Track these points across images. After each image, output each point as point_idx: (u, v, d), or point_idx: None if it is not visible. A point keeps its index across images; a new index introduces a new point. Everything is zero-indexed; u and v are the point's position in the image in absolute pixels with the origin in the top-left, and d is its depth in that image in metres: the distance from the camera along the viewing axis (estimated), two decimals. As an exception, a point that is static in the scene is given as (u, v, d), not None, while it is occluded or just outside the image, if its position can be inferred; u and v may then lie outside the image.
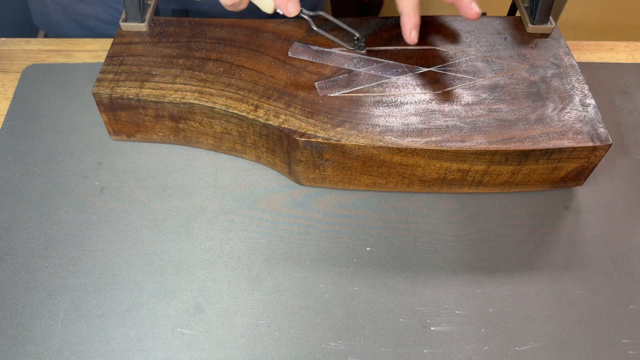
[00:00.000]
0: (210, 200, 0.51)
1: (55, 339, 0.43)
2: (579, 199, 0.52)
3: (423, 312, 0.45)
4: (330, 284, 0.47)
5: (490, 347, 0.44)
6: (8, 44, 0.63)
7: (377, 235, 0.49)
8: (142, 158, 0.54)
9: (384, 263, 0.48)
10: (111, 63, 0.52)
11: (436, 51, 0.54)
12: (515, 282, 0.47)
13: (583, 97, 0.51)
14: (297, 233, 0.49)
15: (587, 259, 0.49)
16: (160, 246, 0.48)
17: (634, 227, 0.51)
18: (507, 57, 0.54)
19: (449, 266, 0.48)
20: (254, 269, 0.47)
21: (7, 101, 0.58)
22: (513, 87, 0.51)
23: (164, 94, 0.50)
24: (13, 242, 0.48)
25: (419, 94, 0.50)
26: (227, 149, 0.54)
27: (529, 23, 0.56)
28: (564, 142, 0.47)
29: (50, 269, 0.47)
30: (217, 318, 0.45)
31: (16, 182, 0.52)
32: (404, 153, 0.47)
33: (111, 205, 0.51)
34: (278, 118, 0.48)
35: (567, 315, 0.45)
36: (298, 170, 0.50)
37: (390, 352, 0.43)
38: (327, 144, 0.47)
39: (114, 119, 0.53)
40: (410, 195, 0.52)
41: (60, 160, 0.53)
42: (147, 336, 0.43)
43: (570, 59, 0.54)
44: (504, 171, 0.49)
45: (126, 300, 0.45)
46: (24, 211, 0.50)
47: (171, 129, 0.53)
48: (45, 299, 0.45)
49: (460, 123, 0.48)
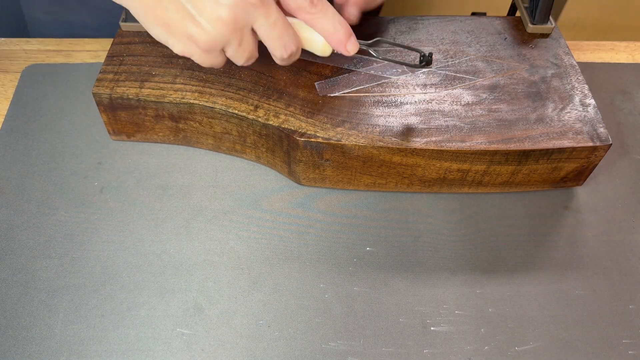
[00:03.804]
0: (210, 200, 0.51)
1: (55, 339, 0.43)
2: (579, 199, 0.52)
3: (423, 312, 0.45)
4: (330, 284, 0.46)
5: (490, 347, 0.44)
6: (8, 44, 0.63)
7: (377, 235, 0.49)
8: (142, 158, 0.54)
9: (384, 263, 0.48)
10: (111, 63, 0.52)
11: (436, 51, 0.54)
12: (515, 282, 0.47)
13: (583, 97, 0.51)
14: (297, 233, 0.49)
15: (587, 259, 0.49)
16: (160, 246, 0.48)
17: (634, 227, 0.51)
18: (507, 57, 0.54)
19: (449, 266, 0.48)
20: (254, 269, 0.47)
21: (7, 101, 0.58)
22: (513, 87, 0.51)
23: (164, 94, 0.50)
24: (13, 242, 0.48)
25: (419, 94, 0.50)
26: (227, 149, 0.54)
27: (529, 23, 0.56)
28: (564, 142, 0.47)
29: (50, 269, 0.47)
30: (217, 318, 0.45)
31: (16, 182, 0.52)
32: (404, 153, 0.47)
33: (111, 205, 0.51)
34: (278, 118, 0.48)
35: (567, 315, 0.45)
36: (298, 170, 0.50)
37: (390, 352, 0.43)
38: (327, 144, 0.47)
39: (114, 119, 0.53)
40: (410, 195, 0.52)
41: (60, 160, 0.53)
42: (147, 336, 0.43)
43: (570, 59, 0.54)
44: (504, 171, 0.49)
45: (126, 300, 0.45)
46: (24, 211, 0.50)
47: (171, 129, 0.53)
48: (45, 299, 0.45)
49: (460, 123, 0.48)
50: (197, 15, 0.39)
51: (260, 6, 0.40)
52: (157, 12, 0.39)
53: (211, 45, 0.40)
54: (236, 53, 0.42)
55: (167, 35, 0.40)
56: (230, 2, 0.39)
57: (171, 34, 0.40)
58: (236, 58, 0.42)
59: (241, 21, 0.40)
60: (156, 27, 0.40)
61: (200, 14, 0.39)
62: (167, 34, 0.40)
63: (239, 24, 0.40)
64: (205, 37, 0.39)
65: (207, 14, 0.39)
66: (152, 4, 0.39)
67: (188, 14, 0.39)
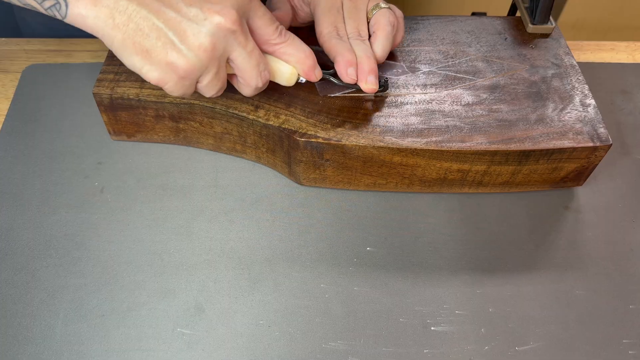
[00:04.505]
0: (210, 200, 0.51)
1: (55, 339, 0.43)
2: (579, 199, 0.52)
3: (423, 312, 0.45)
4: (330, 284, 0.47)
5: (490, 347, 0.44)
6: (8, 44, 0.63)
7: (377, 235, 0.49)
8: (142, 158, 0.54)
9: (384, 263, 0.48)
10: (111, 63, 0.52)
11: (436, 51, 0.54)
12: (515, 282, 0.47)
13: (583, 97, 0.51)
14: (297, 233, 0.49)
15: (587, 259, 0.49)
16: (160, 246, 0.48)
17: (634, 227, 0.51)
18: (507, 57, 0.54)
19: (449, 266, 0.48)
20: (254, 269, 0.47)
21: (7, 101, 0.58)
22: (513, 87, 0.51)
23: (164, 94, 0.50)
24: (13, 242, 0.48)
25: (419, 94, 0.51)
26: (228, 149, 0.54)
27: (529, 23, 0.56)
28: (564, 142, 0.47)
29: (50, 269, 0.47)
30: (217, 318, 0.45)
31: (16, 182, 0.52)
32: (404, 153, 0.47)
33: (111, 205, 0.51)
34: (278, 118, 0.48)
35: (567, 315, 0.45)
36: (298, 170, 0.50)
37: (390, 352, 0.43)
38: (328, 144, 0.47)
39: (114, 119, 0.53)
40: (410, 195, 0.52)
41: (60, 160, 0.53)
42: (147, 336, 0.43)
43: (571, 59, 0.54)
44: (504, 171, 0.49)
45: (126, 300, 0.45)
46: (24, 211, 0.50)
47: (171, 129, 0.53)
48: (46, 299, 0.45)
49: (461, 123, 0.48)
50: (178, 42, 0.39)
51: (240, 34, 0.41)
52: (137, 39, 0.39)
53: (190, 72, 0.40)
54: (211, 82, 0.42)
55: (143, 63, 0.40)
56: (212, 30, 0.39)
57: (149, 61, 0.39)
58: (209, 87, 0.43)
59: (220, 49, 0.40)
60: (133, 56, 0.39)
61: (182, 41, 0.39)
62: (145, 61, 0.39)
63: (218, 51, 0.40)
64: (186, 64, 0.39)
65: (189, 41, 0.39)
66: (131, 32, 0.38)
67: (169, 41, 0.39)
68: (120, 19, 0.38)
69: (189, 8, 0.39)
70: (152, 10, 0.38)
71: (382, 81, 0.50)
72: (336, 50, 0.48)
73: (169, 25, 0.39)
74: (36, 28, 0.69)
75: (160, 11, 0.39)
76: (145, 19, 0.38)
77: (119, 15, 0.38)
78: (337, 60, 0.47)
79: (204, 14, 0.39)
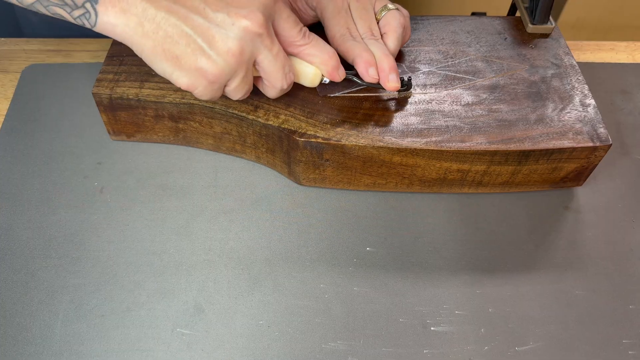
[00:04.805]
0: (210, 200, 0.51)
1: (55, 339, 0.43)
2: (579, 199, 0.52)
3: (423, 312, 0.45)
4: (330, 284, 0.46)
5: (490, 347, 0.44)
6: (8, 43, 0.63)
7: (377, 235, 0.49)
8: (142, 158, 0.54)
9: (384, 263, 0.48)
10: (111, 63, 0.52)
11: (436, 51, 0.54)
12: (515, 282, 0.47)
13: (583, 97, 0.51)
14: (297, 233, 0.49)
15: (587, 259, 0.49)
16: (160, 246, 0.48)
17: (634, 227, 0.51)
18: (507, 57, 0.54)
19: (449, 266, 0.48)
20: (254, 269, 0.47)
21: (7, 101, 0.58)
22: (513, 87, 0.51)
23: (164, 94, 0.50)
24: (13, 242, 0.48)
25: (419, 94, 0.50)
26: (227, 149, 0.54)
27: (529, 23, 0.56)
28: (564, 142, 0.47)
29: (50, 269, 0.47)
30: (217, 318, 0.45)
31: (16, 182, 0.52)
32: (404, 153, 0.47)
33: (111, 205, 0.50)
34: (278, 118, 0.48)
35: (567, 315, 0.45)
36: (298, 170, 0.50)
37: (390, 352, 0.43)
38: (327, 144, 0.47)
39: (113, 119, 0.53)
40: (410, 195, 0.52)
41: (60, 160, 0.53)
42: (146, 336, 0.43)
43: (570, 59, 0.54)
44: (504, 171, 0.49)
45: (126, 301, 0.45)
46: (24, 211, 0.50)
47: (171, 129, 0.53)
48: (45, 299, 0.45)
49: (460, 123, 0.48)
50: (207, 48, 0.40)
51: (266, 37, 0.41)
52: (167, 46, 0.39)
53: (219, 77, 0.41)
54: (238, 86, 0.43)
55: (173, 69, 0.40)
56: (239, 34, 0.40)
57: (179, 67, 0.40)
58: (237, 91, 0.43)
59: (247, 53, 0.41)
60: (163, 62, 0.40)
61: (211, 46, 0.40)
62: (175, 67, 0.40)
63: (246, 55, 0.41)
64: (215, 69, 0.40)
65: (218, 47, 0.40)
66: (161, 39, 0.39)
67: (198, 47, 0.40)
68: (149, 26, 0.39)
69: (215, 14, 0.40)
70: (180, 18, 0.39)
71: (406, 79, 0.49)
72: (354, 52, 0.48)
73: (198, 31, 0.39)
74: (37, 25, 0.69)
75: (188, 18, 0.39)
76: (174, 26, 0.39)
77: (148, 23, 0.38)
78: (356, 62, 0.48)
79: (231, 19, 0.40)
